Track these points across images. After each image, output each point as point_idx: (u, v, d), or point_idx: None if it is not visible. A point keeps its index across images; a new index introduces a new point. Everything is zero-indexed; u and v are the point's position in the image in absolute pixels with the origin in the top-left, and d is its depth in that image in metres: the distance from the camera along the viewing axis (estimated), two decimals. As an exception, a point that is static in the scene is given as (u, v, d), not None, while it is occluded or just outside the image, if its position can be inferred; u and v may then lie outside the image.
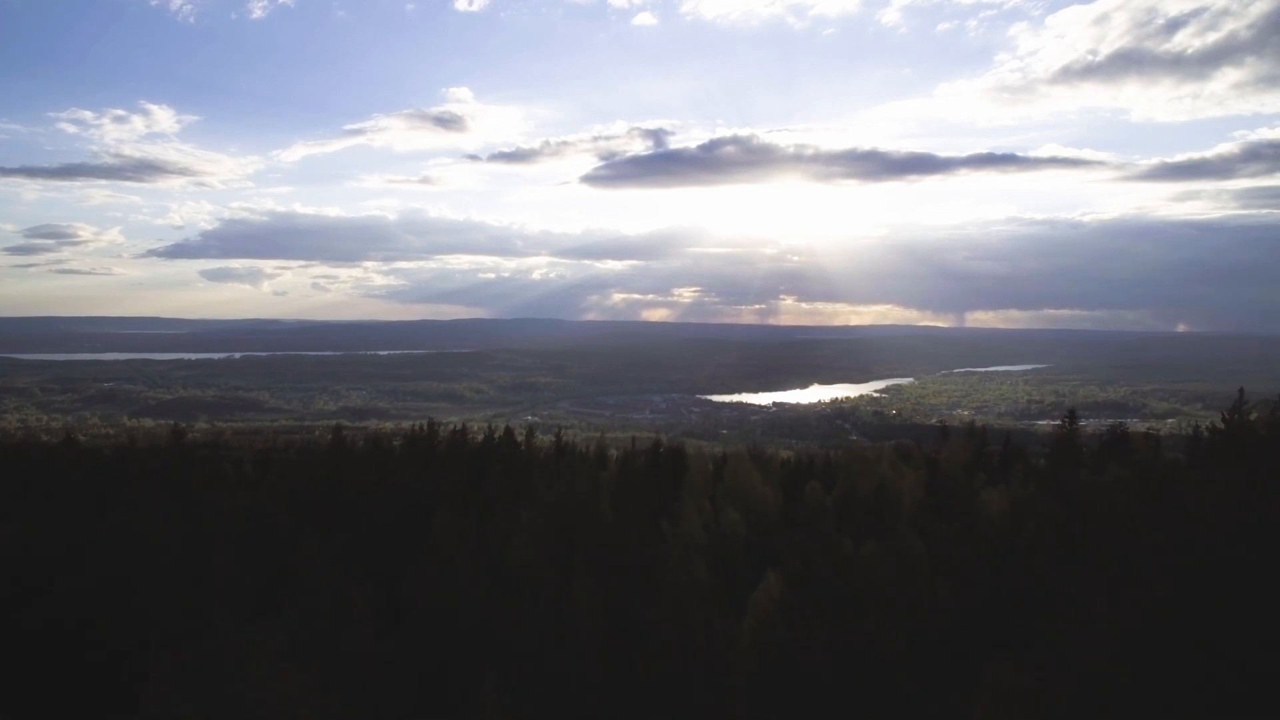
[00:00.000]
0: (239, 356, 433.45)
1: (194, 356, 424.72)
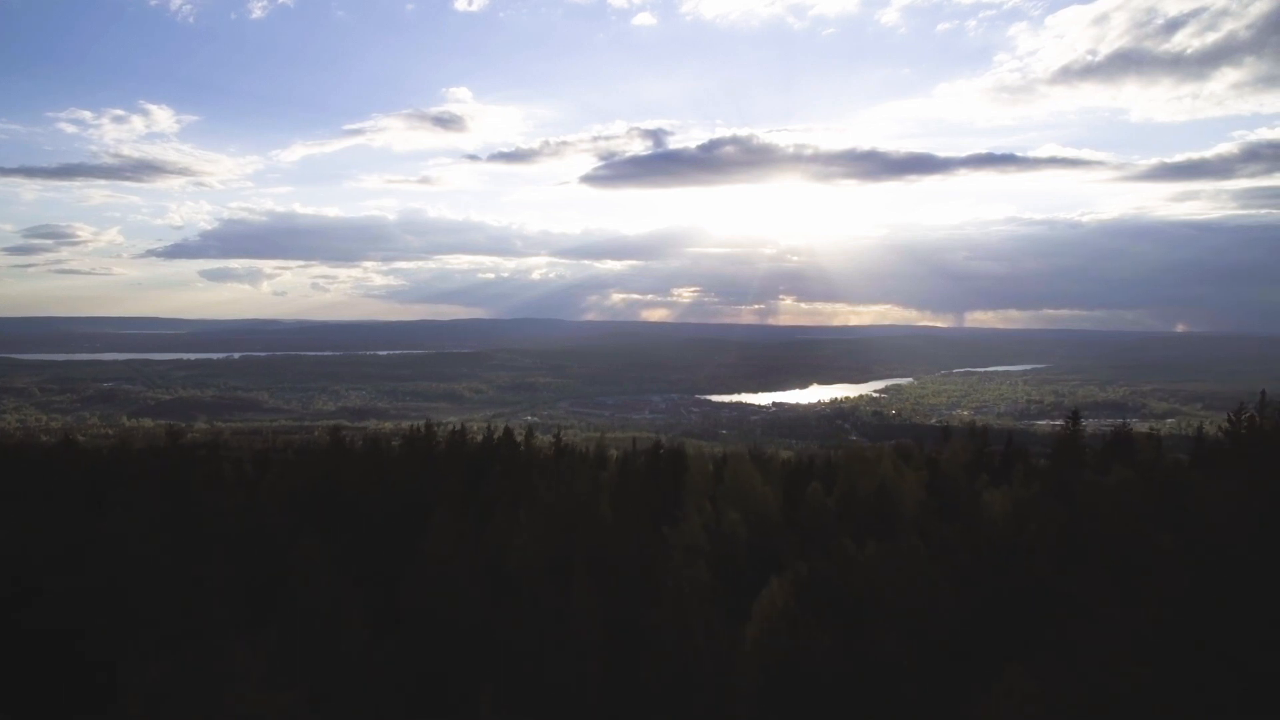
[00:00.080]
0: (238, 356, 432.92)
1: (193, 357, 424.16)
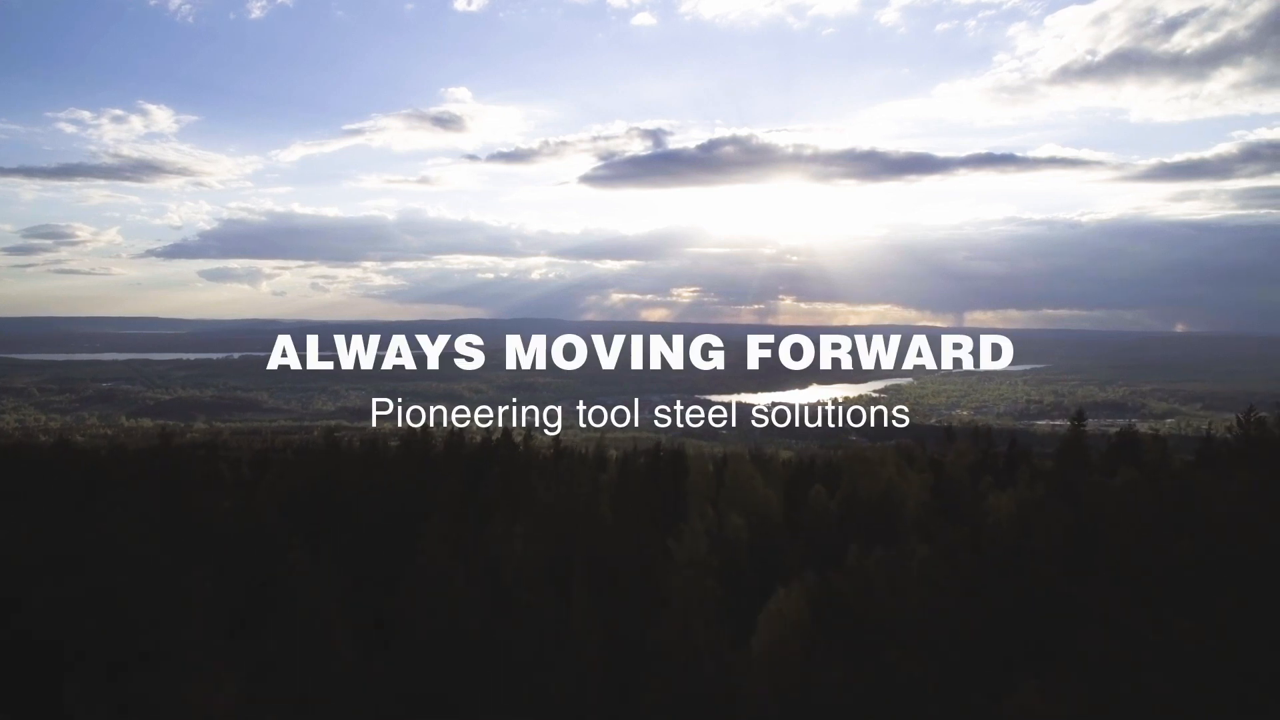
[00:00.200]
0: (238, 356, 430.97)
1: (193, 356, 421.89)
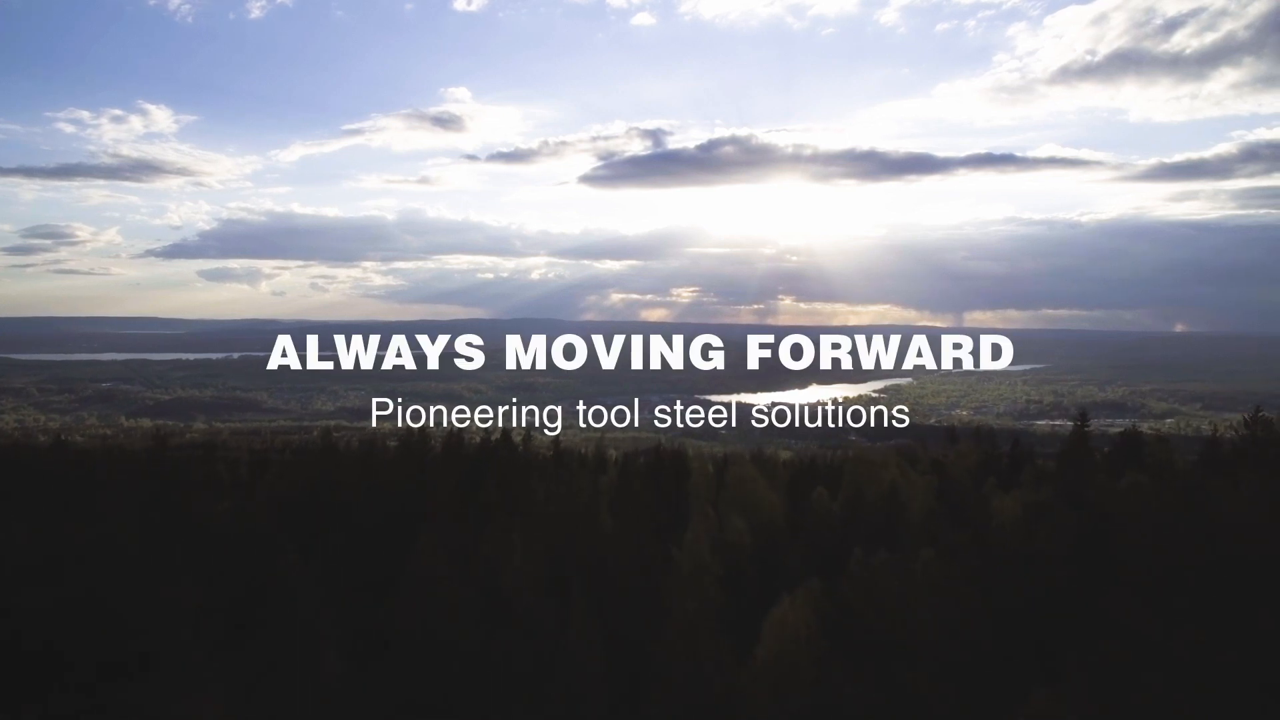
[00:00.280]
0: (237, 356, 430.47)
1: (192, 357, 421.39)
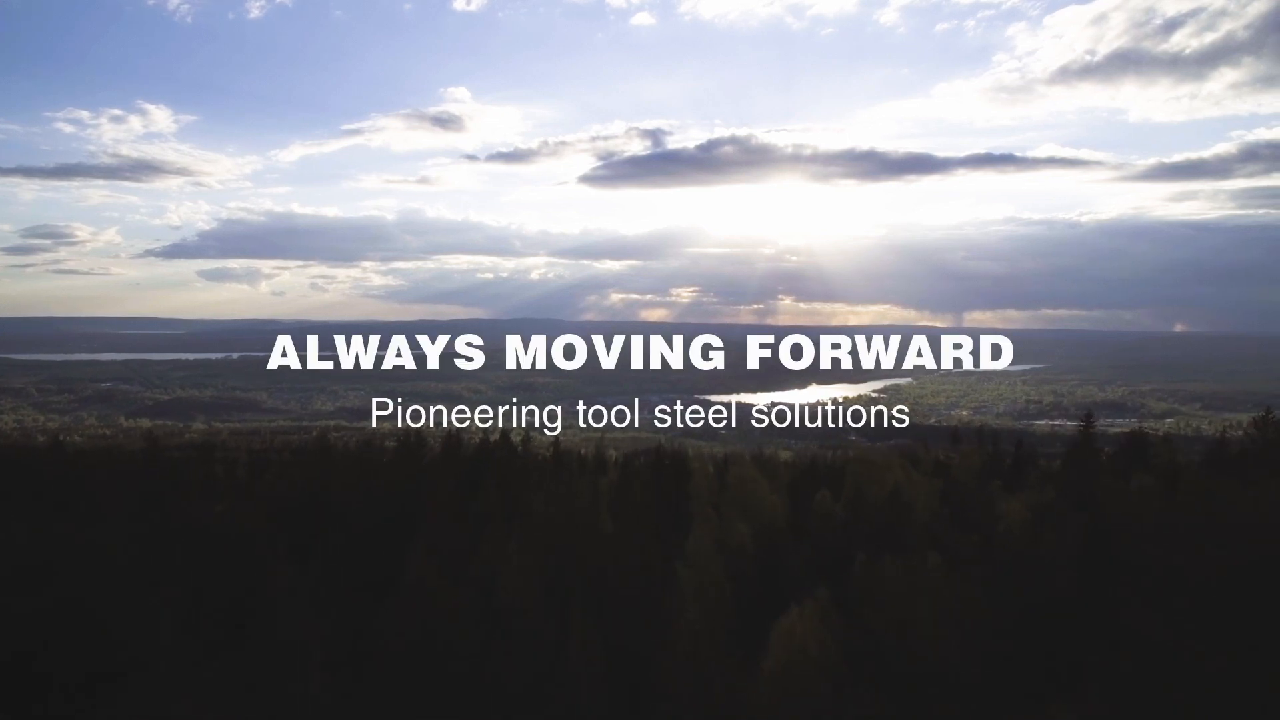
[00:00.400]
0: (237, 356, 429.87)
1: (192, 357, 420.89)
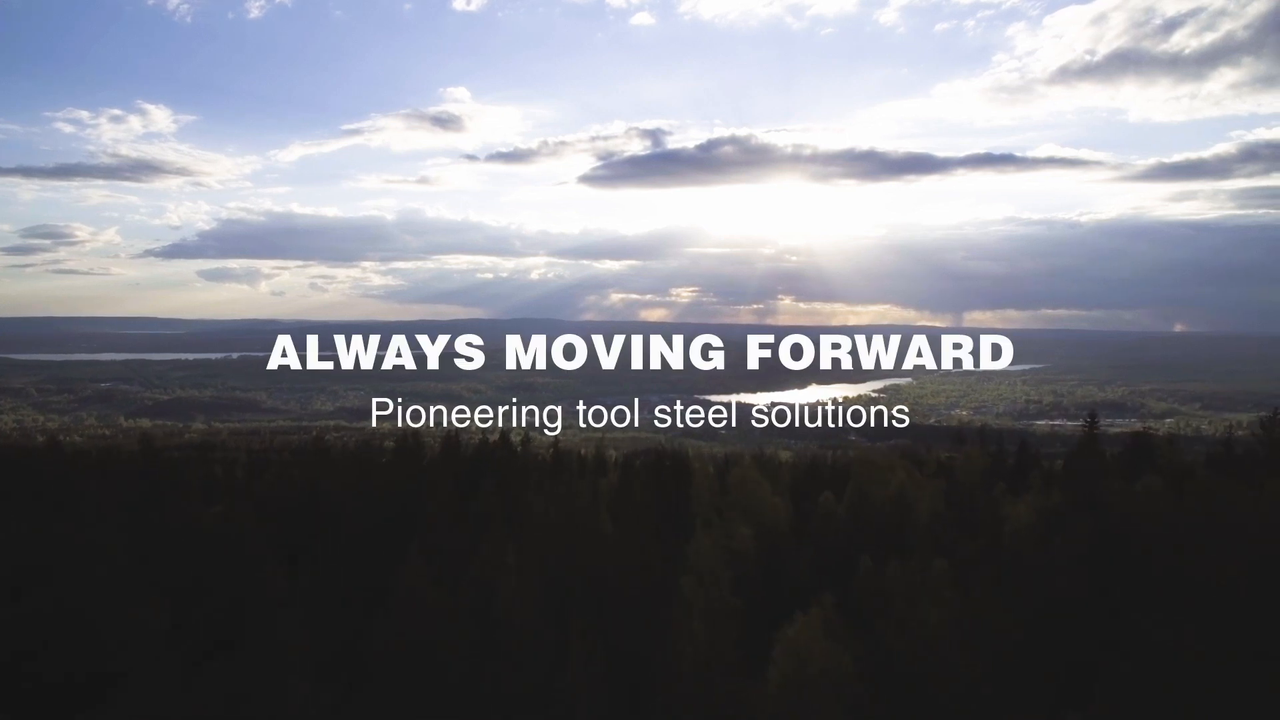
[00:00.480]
0: (236, 357, 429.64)
1: (191, 357, 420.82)
